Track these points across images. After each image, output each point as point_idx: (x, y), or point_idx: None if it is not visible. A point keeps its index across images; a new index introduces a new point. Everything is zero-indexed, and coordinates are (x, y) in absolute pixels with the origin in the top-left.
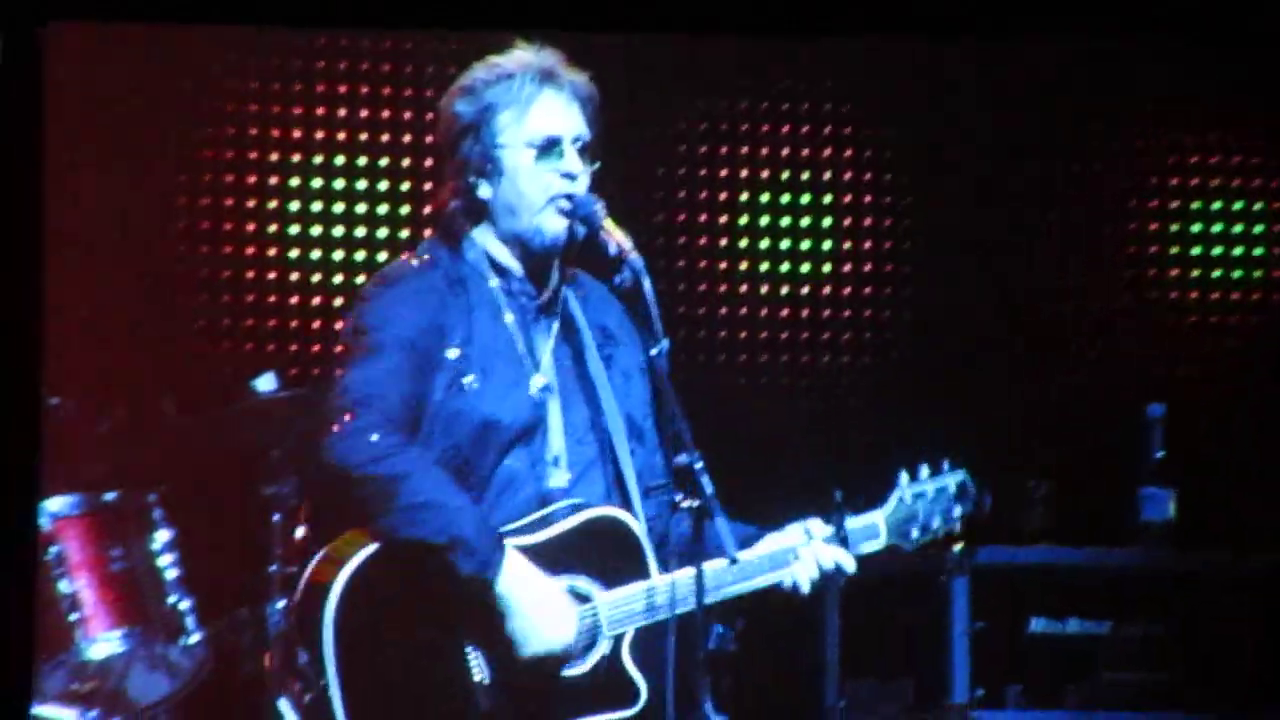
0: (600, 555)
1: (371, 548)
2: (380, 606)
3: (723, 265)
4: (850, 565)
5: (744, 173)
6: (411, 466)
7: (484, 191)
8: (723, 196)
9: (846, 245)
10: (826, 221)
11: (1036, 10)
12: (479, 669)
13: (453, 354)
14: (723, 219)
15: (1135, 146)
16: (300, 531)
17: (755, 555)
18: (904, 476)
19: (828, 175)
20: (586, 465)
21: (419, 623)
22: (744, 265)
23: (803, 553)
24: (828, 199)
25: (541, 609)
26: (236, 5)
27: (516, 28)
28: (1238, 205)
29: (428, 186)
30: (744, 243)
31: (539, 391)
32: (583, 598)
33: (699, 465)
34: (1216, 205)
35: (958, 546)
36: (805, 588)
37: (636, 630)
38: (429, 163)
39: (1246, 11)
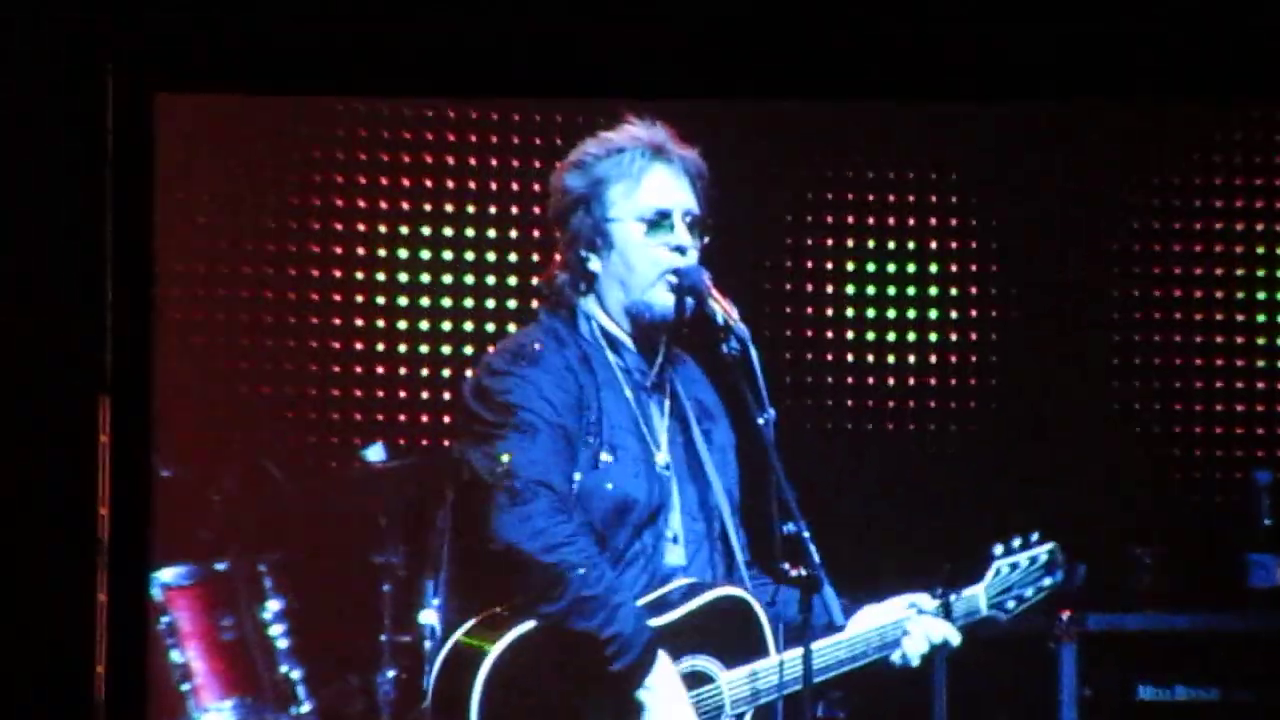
0: (723, 635)
1: (525, 626)
2: (528, 688)
3: (828, 333)
4: (956, 639)
5: (849, 241)
6: (584, 558)
7: (594, 265)
8: (827, 265)
9: (950, 313)
10: (932, 290)
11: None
12: None
13: (590, 431)
14: (828, 287)
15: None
16: (431, 605)
17: (864, 630)
18: (998, 548)
19: (922, 243)
20: (700, 542)
21: (560, 707)
22: (849, 334)
23: (912, 627)
24: (928, 267)
25: (674, 711)
26: (346, 78)
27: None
28: None
29: (535, 258)
30: (849, 311)
31: (663, 469)
32: (706, 678)
33: (806, 534)
34: None
35: (1065, 614)
36: (915, 661)
37: (756, 710)
38: (536, 233)
39: None
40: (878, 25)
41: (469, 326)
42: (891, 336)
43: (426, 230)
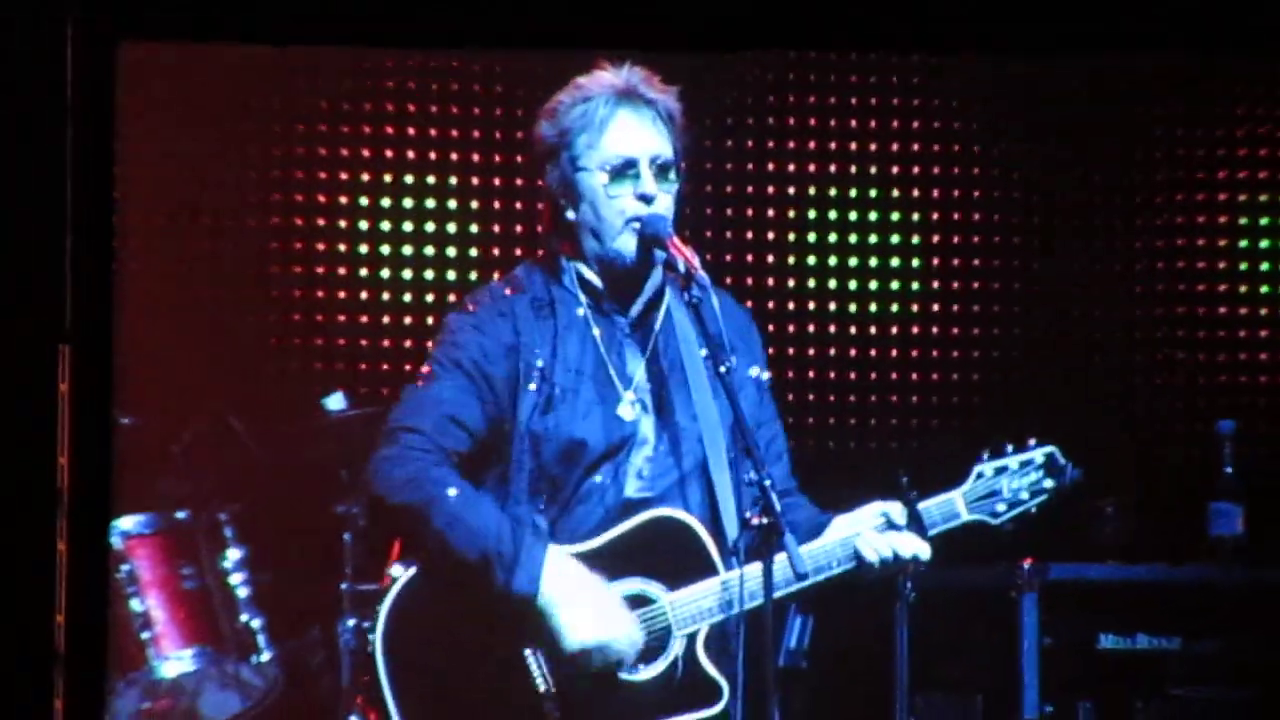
0: (664, 557)
1: (410, 572)
2: (429, 627)
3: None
4: (925, 552)
5: (811, 189)
6: (434, 489)
7: (570, 215)
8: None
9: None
10: (894, 238)
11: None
12: (541, 677)
13: (534, 376)
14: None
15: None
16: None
17: (828, 542)
18: (985, 454)
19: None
20: (681, 477)
21: (472, 638)
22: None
23: (872, 536)
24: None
25: (586, 605)
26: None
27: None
28: None
29: (496, 205)
30: (811, 259)
31: (628, 408)
32: (646, 599)
33: (768, 483)
34: None
35: (1027, 564)
36: (875, 565)
37: (712, 628)
38: (497, 181)
39: None
40: None
41: (429, 274)
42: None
43: (387, 178)
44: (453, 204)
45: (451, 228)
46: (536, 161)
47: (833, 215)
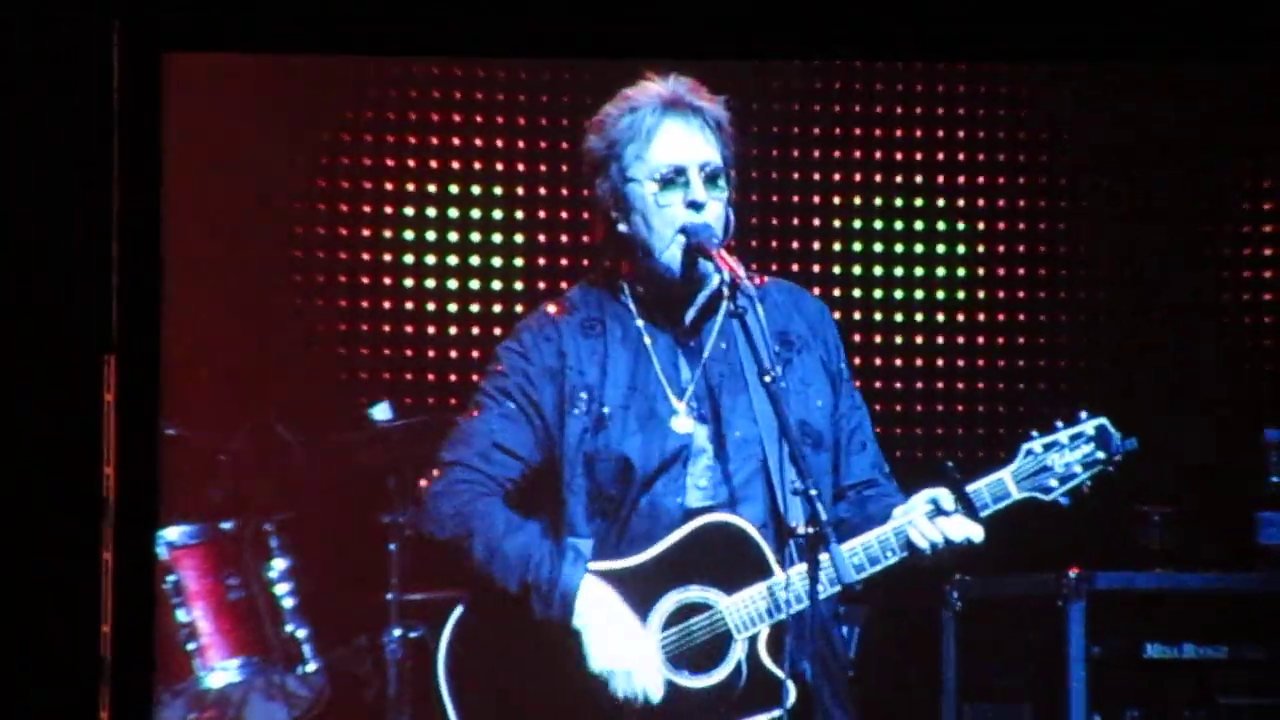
0: (718, 562)
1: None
2: (490, 651)
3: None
4: (978, 535)
5: (856, 199)
6: (477, 522)
7: (623, 227)
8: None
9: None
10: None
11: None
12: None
13: (581, 398)
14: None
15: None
16: None
17: (878, 534)
18: (1034, 432)
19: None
20: (742, 482)
21: (535, 658)
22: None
23: (922, 524)
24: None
25: (613, 637)
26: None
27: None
28: None
29: (542, 215)
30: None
31: (682, 420)
32: (703, 606)
33: (814, 492)
34: None
35: (1074, 572)
36: (926, 550)
37: (772, 629)
38: (542, 192)
39: None
40: None
41: (475, 284)
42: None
43: (433, 189)
44: (498, 214)
45: (497, 238)
46: (586, 175)
47: (878, 203)
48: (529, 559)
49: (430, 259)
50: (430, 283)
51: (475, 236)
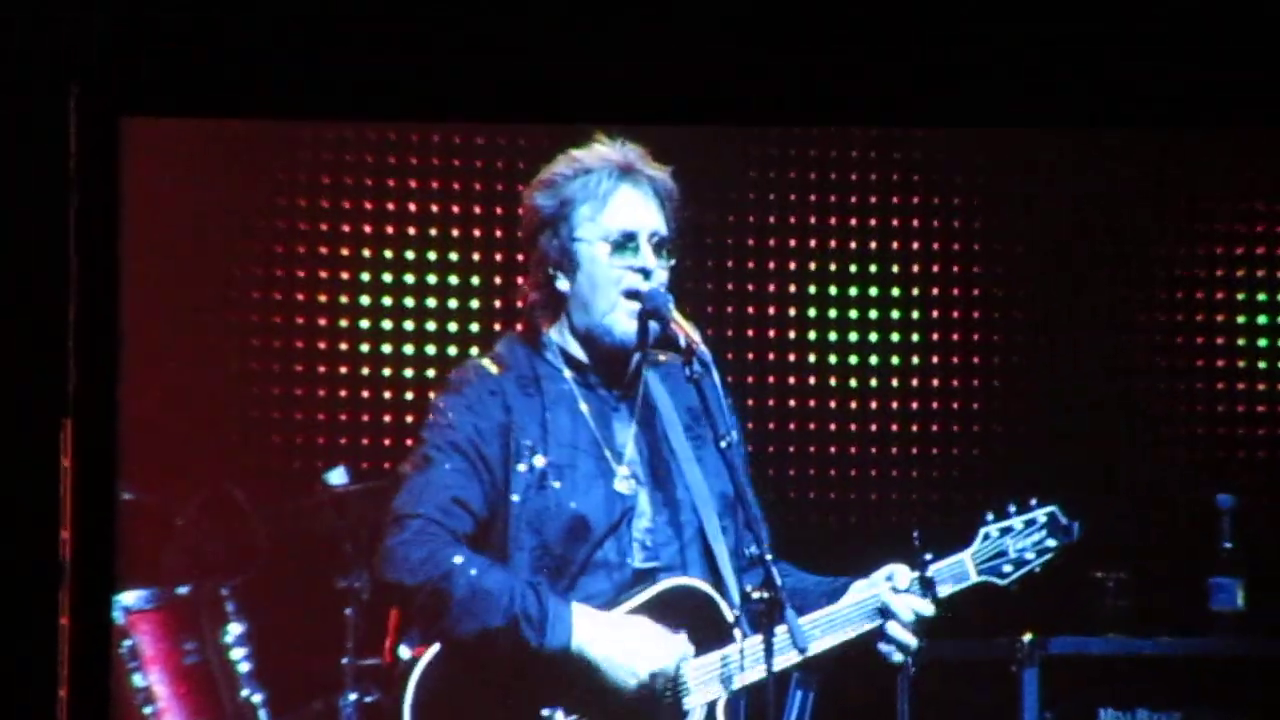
0: (683, 624)
1: (433, 651)
2: (455, 703)
3: (801, 332)
4: (929, 611)
5: (812, 265)
6: (449, 566)
7: (562, 285)
8: (792, 288)
9: (913, 337)
10: (895, 292)
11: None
12: None
13: (526, 454)
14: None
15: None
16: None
17: (842, 607)
18: (990, 515)
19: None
20: (680, 547)
21: (501, 707)
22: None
23: (895, 605)
24: (897, 268)
25: (629, 640)
26: (310, 101)
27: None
28: None
29: (497, 280)
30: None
31: (624, 482)
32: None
33: (769, 557)
34: None
35: (1028, 637)
36: (911, 643)
37: (730, 697)
38: (498, 257)
39: None
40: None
41: (431, 349)
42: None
43: (389, 254)
44: (454, 279)
45: (453, 303)
46: (528, 233)
47: (832, 290)
48: (513, 592)
49: (386, 324)
50: (386, 348)
51: (431, 302)
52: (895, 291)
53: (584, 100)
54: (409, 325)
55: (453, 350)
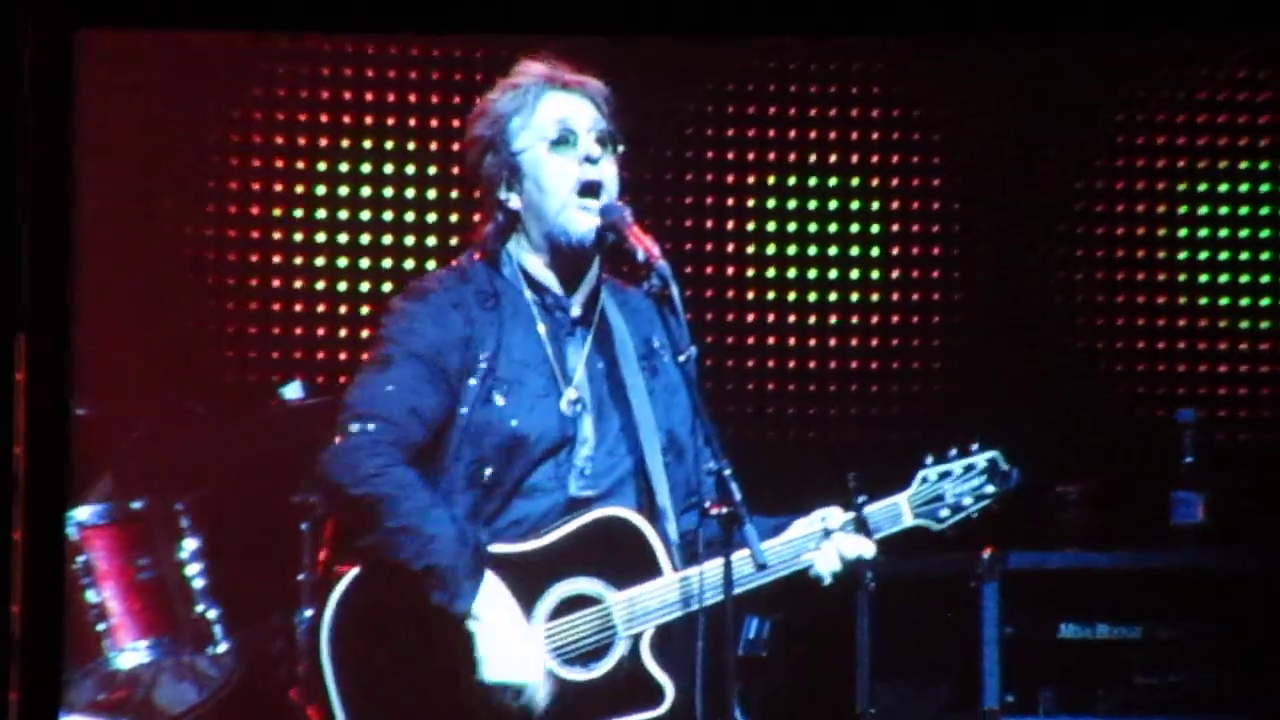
0: (609, 556)
1: (354, 571)
2: (377, 623)
3: (750, 270)
4: (869, 551)
5: (770, 179)
6: (396, 489)
7: (514, 203)
8: (750, 201)
9: (873, 251)
10: (854, 227)
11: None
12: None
13: (480, 367)
14: (750, 224)
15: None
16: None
17: (775, 545)
18: (929, 458)
19: (860, 180)
20: (619, 478)
21: (413, 639)
22: (771, 270)
23: (822, 544)
24: (857, 204)
25: (507, 643)
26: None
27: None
28: (1265, 210)
29: (454, 194)
30: (771, 248)
31: (570, 405)
32: (591, 599)
33: (728, 471)
34: (1244, 210)
35: (988, 552)
36: (826, 579)
37: (657, 629)
38: (455, 170)
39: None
40: None
41: (387, 263)
42: (813, 273)
43: (345, 167)
44: (410, 192)
45: (409, 216)
46: (472, 163)
47: (791, 204)
48: (438, 539)
49: (343, 238)
50: (342, 261)
51: (388, 215)
52: (833, 227)
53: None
54: (365, 239)
55: (409, 264)
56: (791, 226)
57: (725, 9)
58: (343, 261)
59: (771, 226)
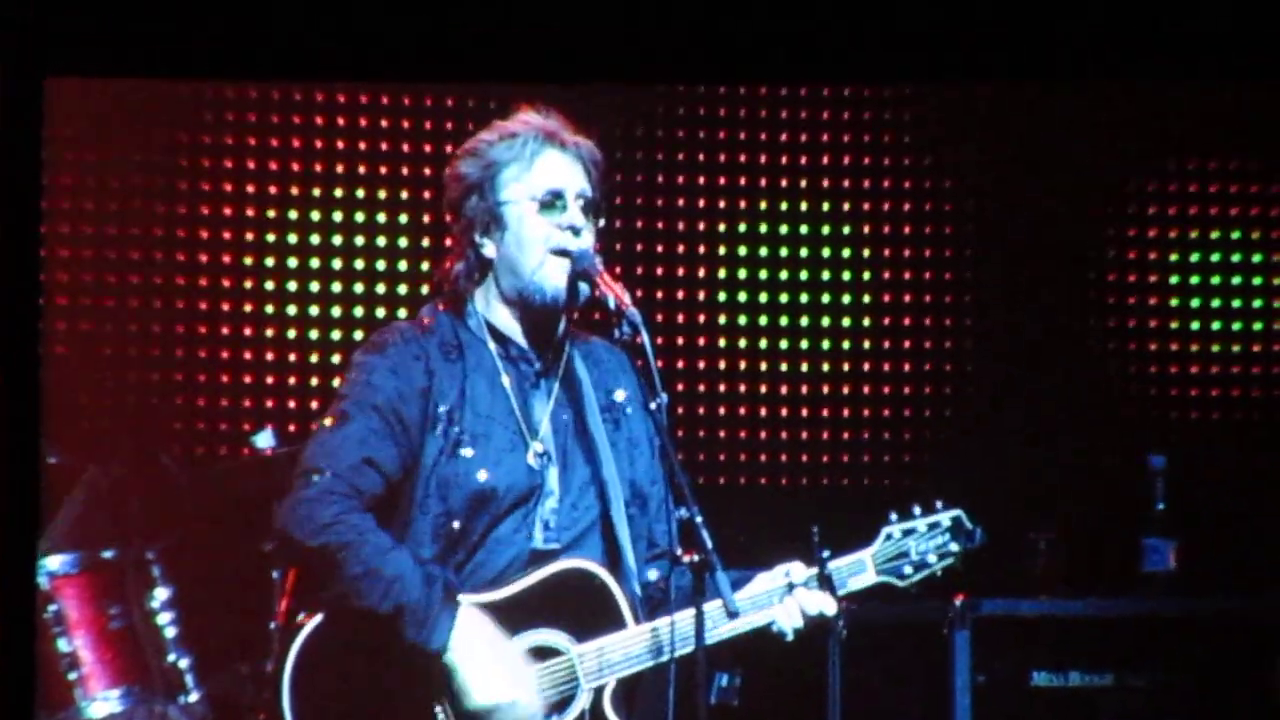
0: (573, 608)
1: (316, 620)
2: (338, 673)
3: (721, 318)
4: (830, 609)
5: (741, 226)
6: (354, 535)
7: (488, 250)
8: (721, 250)
9: (844, 299)
10: (824, 275)
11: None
12: None
13: (440, 418)
14: (721, 272)
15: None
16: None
17: (739, 598)
18: (894, 515)
19: (830, 227)
20: (583, 530)
21: (381, 687)
22: (743, 319)
23: (785, 599)
24: (827, 251)
25: (493, 666)
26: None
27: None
28: (1236, 257)
29: (425, 242)
30: (743, 296)
31: (537, 458)
32: (553, 651)
33: (699, 519)
34: (1215, 257)
35: (959, 599)
36: (789, 635)
37: (619, 681)
38: (427, 219)
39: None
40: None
41: (359, 311)
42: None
43: (316, 216)
44: (381, 241)
45: (381, 265)
46: (453, 200)
47: (762, 252)
48: (403, 579)
49: (314, 286)
50: (314, 310)
51: (359, 264)
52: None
53: (510, 60)
54: (336, 287)
55: (380, 312)
56: (763, 274)
57: (695, 58)
58: (314, 310)
59: (743, 274)
